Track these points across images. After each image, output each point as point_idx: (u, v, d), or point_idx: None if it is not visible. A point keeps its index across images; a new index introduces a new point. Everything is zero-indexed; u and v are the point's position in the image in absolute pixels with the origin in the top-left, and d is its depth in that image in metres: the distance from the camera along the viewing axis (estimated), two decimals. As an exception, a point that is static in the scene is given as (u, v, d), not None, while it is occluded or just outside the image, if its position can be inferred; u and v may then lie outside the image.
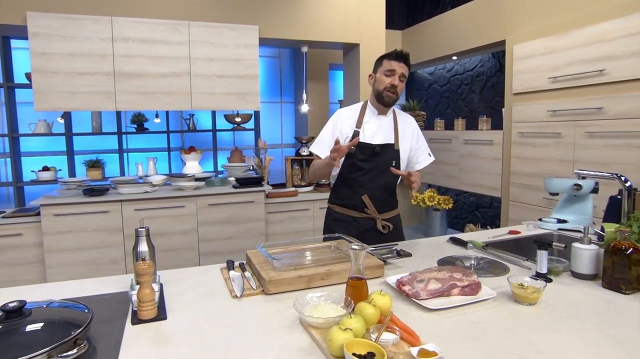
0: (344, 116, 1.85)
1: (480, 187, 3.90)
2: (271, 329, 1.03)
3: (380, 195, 1.84)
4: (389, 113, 1.86)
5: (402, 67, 1.73)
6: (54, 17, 2.77)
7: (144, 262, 1.10)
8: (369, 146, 1.79)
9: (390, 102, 1.78)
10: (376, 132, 1.82)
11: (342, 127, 1.83)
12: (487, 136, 3.77)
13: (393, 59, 1.74)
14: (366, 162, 1.80)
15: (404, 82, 1.77)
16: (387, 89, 1.75)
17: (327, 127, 1.87)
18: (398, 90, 1.76)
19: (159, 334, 1.03)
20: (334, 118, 1.87)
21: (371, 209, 1.82)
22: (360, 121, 1.83)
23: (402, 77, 1.75)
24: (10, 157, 3.37)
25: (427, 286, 1.18)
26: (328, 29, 3.62)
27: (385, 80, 1.75)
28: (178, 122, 4.13)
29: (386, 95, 1.76)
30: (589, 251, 1.31)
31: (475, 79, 4.65)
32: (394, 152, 1.82)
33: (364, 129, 1.82)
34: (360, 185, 1.82)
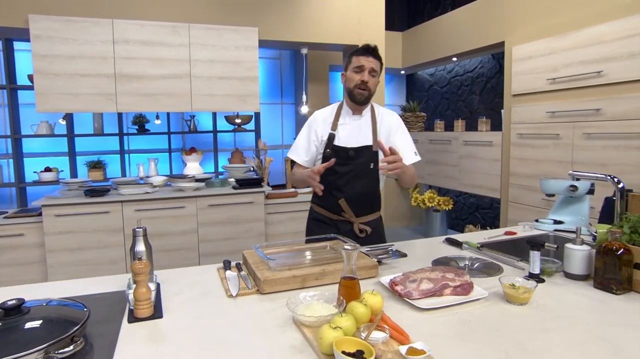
0: (319, 119, 1.79)
1: (480, 189, 3.91)
2: (264, 327, 1.05)
3: (359, 199, 1.78)
4: (366, 112, 1.79)
5: (371, 62, 1.67)
6: (56, 20, 2.81)
7: (140, 262, 1.12)
8: (344, 150, 1.72)
9: (362, 100, 1.71)
10: (351, 134, 1.74)
11: (317, 131, 1.78)
12: (487, 137, 3.78)
13: (361, 54, 1.68)
14: (342, 166, 1.73)
15: (376, 77, 1.71)
16: (357, 86, 1.68)
17: (302, 131, 1.83)
18: (370, 86, 1.69)
19: (154, 332, 1.05)
20: (309, 121, 1.82)
21: (348, 213, 1.77)
22: (336, 123, 1.76)
23: (372, 72, 1.69)
24: (12, 158, 3.40)
25: (419, 286, 1.19)
26: (327, 31, 3.64)
27: (355, 77, 1.68)
28: (179, 124, 4.16)
29: (357, 92, 1.69)
30: (581, 251, 1.32)
31: (475, 81, 4.66)
32: (371, 155, 1.74)
33: (339, 132, 1.75)
34: (338, 189, 1.76)
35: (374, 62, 1.69)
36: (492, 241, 1.82)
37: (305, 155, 1.81)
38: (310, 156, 1.81)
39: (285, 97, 4.86)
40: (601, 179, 1.63)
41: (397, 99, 5.78)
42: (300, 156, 1.81)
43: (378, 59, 1.71)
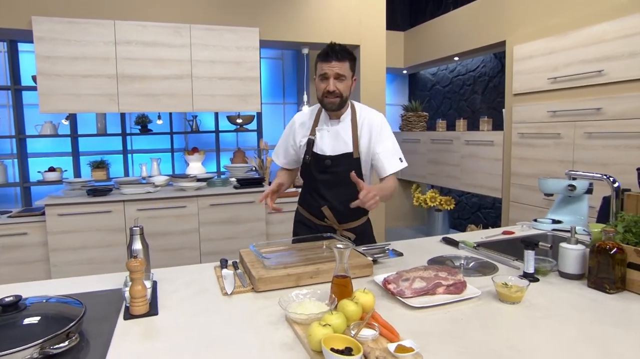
0: (298, 122, 1.74)
1: (481, 188, 3.90)
2: (257, 325, 1.07)
3: (342, 206, 1.69)
4: (345, 116, 1.67)
5: (334, 66, 1.51)
6: (58, 22, 2.85)
7: (136, 260, 1.14)
8: (320, 157, 1.66)
9: (334, 108, 1.60)
10: (329, 141, 1.66)
11: (295, 135, 1.73)
12: (488, 136, 3.77)
13: (322, 60, 1.54)
14: (322, 174, 1.68)
15: (345, 81, 1.55)
16: (324, 96, 1.57)
17: (283, 133, 1.81)
18: (340, 91, 1.55)
19: (149, 328, 1.07)
20: (289, 125, 1.79)
21: (331, 220, 1.73)
22: (314, 128, 1.69)
23: (340, 77, 1.53)
24: (17, 158, 3.44)
25: (412, 284, 1.20)
26: (328, 31, 3.65)
27: (320, 87, 1.57)
28: (182, 124, 4.19)
29: (327, 102, 1.58)
30: (576, 251, 1.32)
31: (478, 80, 4.65)
32: (352, 162, 1.64)
33: (317, 138, 1.67)
34: (320, 195, 1.71)
35: (338, 65, 1.52)
36: (488, 240, 1.82)
37: (283, 157, 1.82)
38: (289, 159, 1.81)
39: (287, 97, 4.87)
40: (597, 178, 1.63)
41: (399, 99, 5.78)
42: (279, 158, 1.83)
43: (343, 59, 1.53)
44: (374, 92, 3.90)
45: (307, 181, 1.77)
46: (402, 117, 5.24)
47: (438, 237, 1.86)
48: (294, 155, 1.79)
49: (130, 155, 4.10)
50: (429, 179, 4.70)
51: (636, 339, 0.95)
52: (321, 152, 1.67)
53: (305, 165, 1.72)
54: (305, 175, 1.76)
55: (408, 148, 5.05)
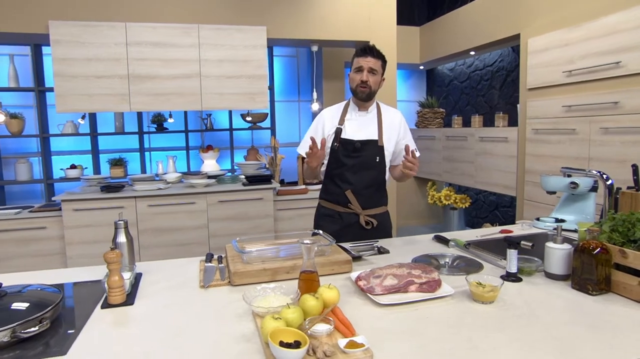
0: (327, 116, 1.90)
1: (496, 186, 3.78)
2: (223, 317, 1.09)
3: (365, 191, 1.85)
4: (372, 109, 1.89)
5: (369, 61, 1.75)
6: (74, 25, 2.98)
7: (112, 252, 1.18)
8: (350, 142, 1.82)
9: (364, 97, 1.81)
10: (358, 128, 1.84)
11: (324, 127, 1.88)
12: (502, 133, 3.65)
13: (359, 55, 1.78)
14: (349, 158, 1.82)
15: (376, 75, 1.79)
16: (358, 86, 1.79)
17: (311, 127, 1.93)
18: (371, 84, 1.78)
19: (121, 317, 1.11)
20: (317, 119, 1.92)
21: (354, 205, 1.84)
22: (343, 118, 1.87)
23: (372, 71, 1.77)
24: (41, 156, 3.63)
25: (383, 281, 1.19)
26: (337, 28, 3.64)
27: (355, 78, 1.79)
28: (198, 122, 4.29)
29: (359, 91, 1.80)
30: (561, 250, 1.27)
31: (495, 75, 4.51)
32: (377, 148, 1.83)
33: (346, 126, 1.85)
34: (345, 180, 1.84)
35: (372, 61, 1.76)
36: (482, 239, 1.77)
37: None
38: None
39: (302, 95, 4.89)
40: (591, 175, 1.55)
41: (416, 95, 5.68)
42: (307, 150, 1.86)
43: (377, 57, 1.77)
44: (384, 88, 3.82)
45: (332, 168, 1.87)
46: (418, 114, 5.16)
47: (430, 235, 1.83)
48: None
49: (148, 153, 4.24)
50: (444, 176, 4.61)
51: (603, 342, 0.91)
52: (350, 138, 1.82)
53: (332, 152, 1.84)
54: (331, 163, 1.87)
55: (423, 145, 4.96)
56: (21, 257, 2.96)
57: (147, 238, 3.14)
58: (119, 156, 3.96)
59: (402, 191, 5.35)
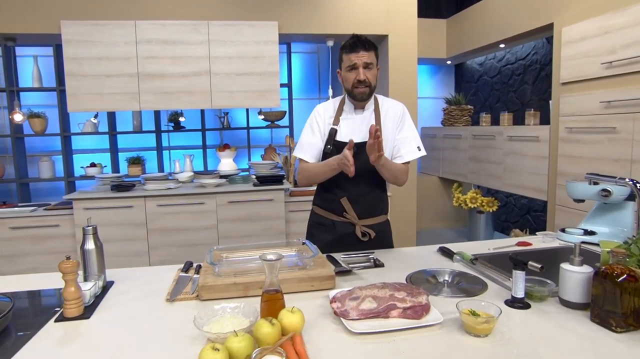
0: (321, 112, 1.70)
1: (525, 189, 3.49)
2: (177, 337, 0.98)
3: (362, 198, 1.67)
4: (369, 106, 1.68)
5: (362, 56, 1.55)
6: (84, 24, 2.99)
7: (68, 261, 1.10)
8: (345, 145, 1.60)
9: (364, 97, 1.61)
10: (354, 129, 1.65)
11: (319, 124, 1.69)
12: (533, 131, 3.35)
13: (348, 51, 1.57)
14: None
15: (373, 69, 1.58)
16: (354, 86, 1.58)
17: (305, 127, 1.73)
18: (370, 80, 1.58)
19: (70, 333, 1.03)
20: (311, 116, 1.73)
21: (350, 214, 1.66)
22: (338, 117, 1.68)
23: (368, 66, 1.56)
24: (62, 154, 3.71)
25: (360, 304, 1.03)
26: (352, 21, 3.46)
27: (349, 77, 1.59)
28: (216, 120, 4.25)
29: (357, 92, 1.59)
30: (580, 274, 1.06)
31: (528, 69, 4.18)
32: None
33: (341, 127, 1.66)
34: (339, 187, 1.66)
35: (366, 54, 1.56)
36: (493, 253, 1.57)
37: (310, 151, 1.69)
38: (316, 152, 1.69)
39: (323, 92, 4.75)
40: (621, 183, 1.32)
41: (443, 92, 5.39)
42: (306, 152, 1.69)
43: (370, 48, 1.57)
44: (403, 84, 3.65)
45: None
46: (444, 111, 4.88)
47: (434, 246, 1.65)
48: (320, 147, 1.69)
49: (168, 151, 4.25)
50: (470, 177, 4.33)
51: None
52: (346, 140, 1.61)
53: (325, 156, 1.66)
54: None
55: (449, 144, 4.69)
56: (36, 255, 3.02)
57: (156, 238, 3.12)
58: (136, 155, 3.99)
59: (426, 192, 5.10)
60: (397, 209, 3.74)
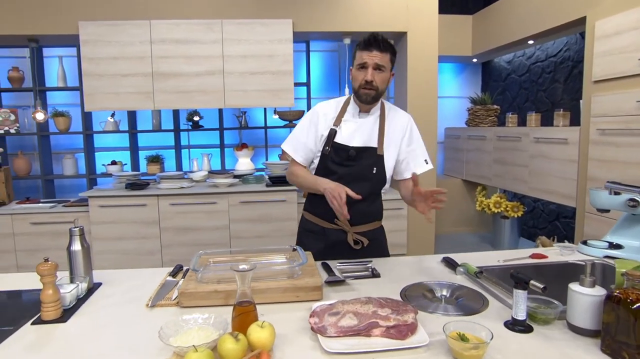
0: (321, 112, 1.60)
1: (552, 194, 3.27)
2: (146, 346, 0.94)
3: (357, 205, 1.51)
4: (374, 111, 1.58)
5: (375, 56, 1.44)
6: (100, 25, 3.05)
7: (45, 264, 1.08)
8: (344, 148, 1.54)
9: (369, 100, 1.51)
10: (356, 132, 1.56)
11: (317, 126, 1.58)
12: (561, 133, 3.13)
13: (362, 49, 1.47)
14: (340, 167, 1.54)
15: (384, 72, 1.48)
16: (361, 87, 1.49)
17: (302, 123, 1.63)
18: (377, 84, 1.47)
19: (43, 337, 1.01)
20: (310, 114, 1.63)
21: (342, 221, 1.56)
22: (340, 118, 1.57)
23: (380, 68, 1.46)
24: (84, 152, 3.81)
25: (339, 321, 0.96)
26: (369, 18, 3.36)
27: (358, 76, 1.49)
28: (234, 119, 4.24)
29: (362, 93, 1.49)
30: (590, 297, 0.94)
31: (559, 66, 3.93)
32: (375, 158, 1.55)
33: (342, 128, 1.56)
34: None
35: (379, 55, 1.45)
36: (503, 265, 1.45)
37: (302, 151, 1.61)
38: (307, 153, 1.62)
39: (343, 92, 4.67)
40: None
41: (469, 91, 5.18)
42: (298, 151, 1.61)
43: (385, 50, 1.46)
44: (423, 83, 3.51)
45: (320, 175, 1.61)
46: (469, 111, 4.68)
47: (438, 256, 1.54)
48: (312, 149, 1.62)
49: (188, 150, 4.29)
50: (494, 181, 4.12)
51: None
52: (344, 143, 1.55)
53: (323, 157, 1.58)
54: (320, 169, 1.61)
55: (473, 146, 4.49)
56: (54, 250, 3.10)
57: (169, 237, 3.14)
58: (155, 153, 4.05)
59: (449, 195, 4.86)
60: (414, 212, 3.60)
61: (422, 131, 1.66)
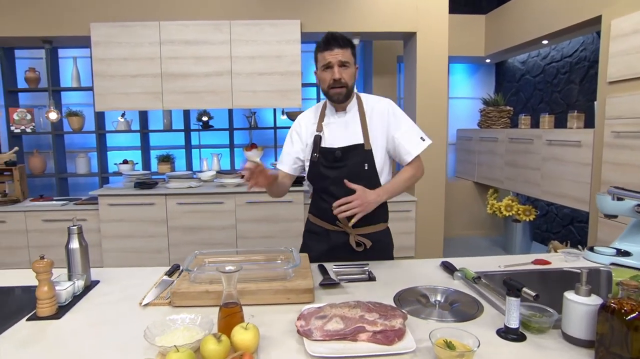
0: (303, 123, 1.62)
1: (564, 198, 3.19)
2: (134, 345, 0.95)
3: None
4: (351, 107, 1.57)
5: (337, 54, 1.44)
6: (111, 26, 3.10)
7: (41, 261, 1.10)
8: (329, 151, 1.54)
9: (341, 99, 1.50)
10: (339, 133, 1.55)
11: (301, 136, 1.60)
12: (575, 135, 3.05)
13: (321, 49, 1.47)
14: (331, 170, 1.54)
15: (350, 67, 1.48)
16: (330, 87, 1.48)
17: (287, 139, 1.66)
18: (346, 80, 1.47)
19: (37, 333, 1.04)
20: (292, 128, 1.65)
21: (343, 223, 1.55)
22: (320, 123, 1.57)
23: (345, 64, 1.46)
24: (97, 151, 3.89)
25: (325, 324, 0.95)
26: (378, 18, 3.33)
27: (325, 77, 1.49)
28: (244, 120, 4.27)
29: (333, 93, 1.49)
30: (585, 306, 0.91)
31: (575, 67, 3.83)
32: (363, 154, 1.53)
33: (325, 132, 1.56)
34: (330, 194, 1.54)
35: (341, 52, 1.46)
36: (504, 271, 1.41)
37: (288, 162, 1.63)
38: (294, 162, 1.63)
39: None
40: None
41: (482, 92, 5.09)
42: (285, 164, 1.63)
43: (345, 46, 1.47)
44: (433, 84, 3.46)
45: (316, 183, 1.63)
46: (481, 112, 4.61)
47: (437, 260, 1.51)
48: (300, 158, 1.63)
49: (198, 150, 4.34)
50: (506, 183, 4.04)
51: None
52: (330, 146, 1.55)
53: (313, 165, 1.58)
54: (314, 176, 1.61)
55: (485, 148, 4.42)
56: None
57: (176, 236, 3.17)
58: (166, 153, 4.10)
59: (460, 197, 4.84)
60: (423, 214, 3.57)
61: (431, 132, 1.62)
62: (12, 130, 3.70)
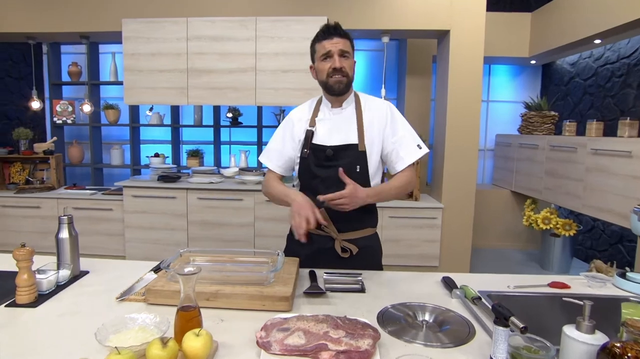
0: (295, 118, 1.54)
1: (608, 214, 2.89)
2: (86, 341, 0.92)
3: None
4: (348, 103, 1.48)
5: (337, 43, 1.38)
6: (141, 22, 3.19)
7: (21, 249, 1.11)
8: (321, 148, 1.45)
9: (342, 88, 1.42)
10: (331, 130, 1.46)
11: (293, 132, 1.52)
12: (625, 145, 2.75)
13: (321, 39, 1.41)
14: (321, 168, 1.45)
15: (350, 59, 1.41)
16: (330, 76, 1.40)
17: (277, 132, 1.58)
18: (347, 70, 1.40)
19: (9, 319, 1.06)
20: (284, 122, 1.57)
21: (329, 226, 1.46)
22: (314, 119, 1.49)
23: (344, 54, 1.39)
24: (130, 143, 4.03)
25: (286, 338, 0.87)
26: (409, 15, 3.18)
27: (324, 67, 1.41)
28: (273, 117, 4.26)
29: (333, 82, 1.41)
30: (585, 345, 0.77)
31: (633, 69, 3.47)
32: (357, 155, 1.44)
33: (317, 128, 1.48)
34: (319, 194, 1.42)
35: (341, 41, 1.40)
36: (511, 292, 1.26)
37: (277, 160, 1.56)
38: (284, 161, 1.56)
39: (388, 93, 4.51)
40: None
41: (526, 96, 4.76)
42: (272, 160, 1.56)
43: (346, 37, 1.42)
44: (466, 85, 3.27)
45: (303, 181, 1.55)
46: (523, 117, 4.30)
47: (438, 275, 1.38)
48: (292, 155, 1.56)
49: (228, 146, 4.39)
50: (545, 194, 3.74)
51: None
52: (322, 143, 1.47)
53: (303, 161, 1.51)
54: (302, 174, 1.54)
55: (524, 155, 4.12)
56: (92, 235, 3.31)
57: (196, 230, 3.21)
58: (196, 148, 4.18)
59: (496, 207, 4.55)
60: (450, 222, 3.38)
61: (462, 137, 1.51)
62: (54, 121, 3.92)
